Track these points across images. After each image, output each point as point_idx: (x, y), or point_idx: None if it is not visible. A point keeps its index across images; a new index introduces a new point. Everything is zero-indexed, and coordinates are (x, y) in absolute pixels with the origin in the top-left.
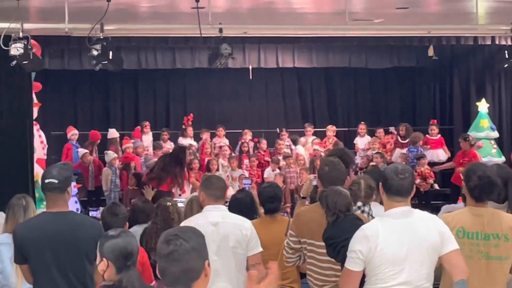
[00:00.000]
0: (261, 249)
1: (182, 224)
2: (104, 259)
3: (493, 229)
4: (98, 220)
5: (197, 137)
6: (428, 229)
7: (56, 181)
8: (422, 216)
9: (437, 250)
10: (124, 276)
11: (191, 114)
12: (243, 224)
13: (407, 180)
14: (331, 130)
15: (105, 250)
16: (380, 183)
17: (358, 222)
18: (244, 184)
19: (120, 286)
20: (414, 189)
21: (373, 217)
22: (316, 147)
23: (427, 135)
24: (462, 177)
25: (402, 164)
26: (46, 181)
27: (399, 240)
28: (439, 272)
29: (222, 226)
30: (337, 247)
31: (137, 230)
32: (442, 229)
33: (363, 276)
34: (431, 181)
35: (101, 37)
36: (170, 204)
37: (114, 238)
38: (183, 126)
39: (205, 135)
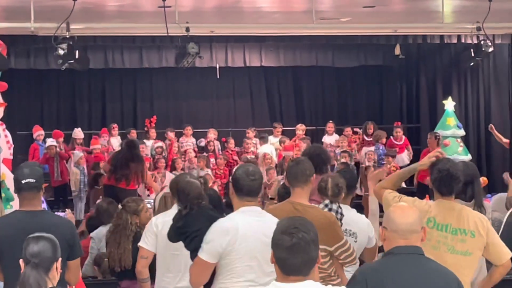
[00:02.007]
0: None
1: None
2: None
3: (462, 224)
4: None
5: (163, 137)
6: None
7: (33, 180)
8: (271, 219)
9: None
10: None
11: (154, 116)
12: None
13: (257, 182)
14: (300, 129)
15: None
16: (231, 184)
17: (213, 214)
18: None
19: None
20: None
21: (342, 215)
22: (284, 153)
23: (391, 137)
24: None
25: (253, 166)
26: (24, 181)
27: (254, 237)
28: None
29: None
30: (189, 237)
31: (103, 230)
32: None
33: None
34: None
35: (67, 36)
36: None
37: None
38: (145, 129)
39: (171, 135)
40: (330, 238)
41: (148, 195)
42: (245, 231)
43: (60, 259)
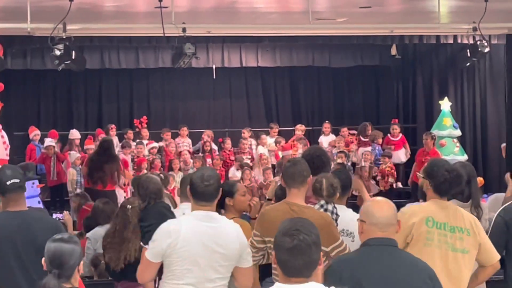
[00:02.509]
0: None
1: None
2: (43, 258)
3: (458, 222)
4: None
5: (158, 137)
6: (229, 237)
7: (18, 180)
8: (228, 225)
9: (233, 260)
10: (44, 280)
11: (144, 117)
12: None
13: (211, 187)
14: (300, 129)
15: (45, 250)
16: (188, 187)
17: (165, 211)
18: None
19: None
20: (376, 188)
21: (338, 215)
22: (284, 153)
23: (388, 135)
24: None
25: (211, 170)
26: (9, 182)
27: (198, 241)
28: None
29: None
30: (143, 231)
31: (99, 230)
32: (245, 243)
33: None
34: (391, 179)
35: (64, 37)
36: (130, 206)
37: (54, 242)
38: (137, 129)
39: (167, 135)
40: (326, 238)
41: (125, 197)
42: (188, 235)
43: (82, 262)
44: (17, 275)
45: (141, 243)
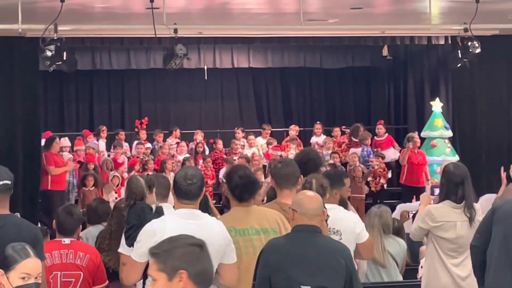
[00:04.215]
0: None
1: None
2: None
3: (263, 224)
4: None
5: (151, 138)
6: (213, 234)
7: (9, 182)
8: (210, 222)
9: (218, 256)
10: None
11: (146, 118)
12: None
13: (195, 186)
14: (294, 129)
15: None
16: (172, 185)
17: (145, 212)
18: None
19: None
20: (367, 188)
21: (328, 216)
22: (271, 151)
23: (375, 137)
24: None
25: (194, 169)
26: (2, 182)
27: None
28: None
29: None
30: (127, 233)
31: (92, 230)
32: (229, 239)
33: None
34: (382, 180)
35: (55, 38)
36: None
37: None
38: (136, 129)
39: (159, 137)
40: None
41: (116, 198)
42: (173, 233)
43: (2, 272)
44: None
45: (119, 250)
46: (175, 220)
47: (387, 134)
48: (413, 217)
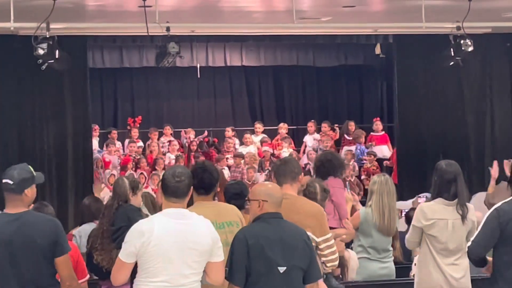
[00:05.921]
0: None
1: None
2: None
3: (226, 217)
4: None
5: (145, 136)
6: (201, 233)
7: (11, 182)
8: (199, 221)
9: (206, 255)
10: None
11: (139, 116)
12: None
13: (183, 183)
14: (283, 128)
15: None
16: (160, 184)
17: (133, 213)
18: None
19: None
20: (361, 186)
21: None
22: (265, 148)
23: (371, 133)
24: None
25: (182, 167)
26: (3, 181)
27: (171, 238)
28: None
29: None
30: (114, 235)
31: (86, 228)
32: (217, 238)
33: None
34: None
35: (47, 36)
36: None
37: None
38: (128, 128)
39: (154, 135)
40: (318, 228)
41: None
42: (161, 233)
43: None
44: (8, 275)
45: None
46: (163, 220)
47: (383, 131)
48: (406, 215)
